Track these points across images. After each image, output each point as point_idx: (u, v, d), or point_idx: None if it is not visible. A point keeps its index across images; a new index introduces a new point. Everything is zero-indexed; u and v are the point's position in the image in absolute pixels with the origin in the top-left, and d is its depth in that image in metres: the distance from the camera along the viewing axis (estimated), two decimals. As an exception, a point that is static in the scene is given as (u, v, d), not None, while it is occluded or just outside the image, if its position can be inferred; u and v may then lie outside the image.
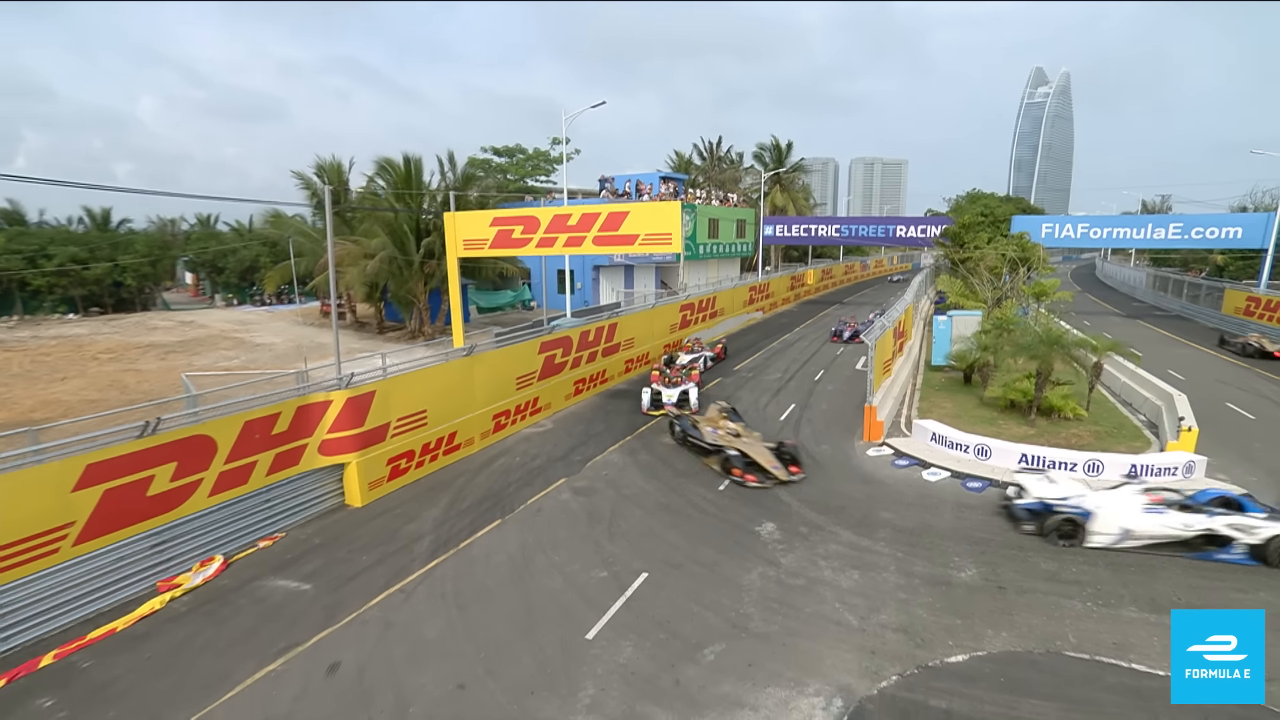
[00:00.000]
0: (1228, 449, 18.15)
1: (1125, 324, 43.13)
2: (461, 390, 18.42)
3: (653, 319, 30.24)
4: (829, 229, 53.73)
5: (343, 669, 9.69)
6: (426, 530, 14.00)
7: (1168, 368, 28.16)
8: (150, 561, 12.08)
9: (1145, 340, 36.60)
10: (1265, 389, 25.55)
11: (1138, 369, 22.57)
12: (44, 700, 9.26)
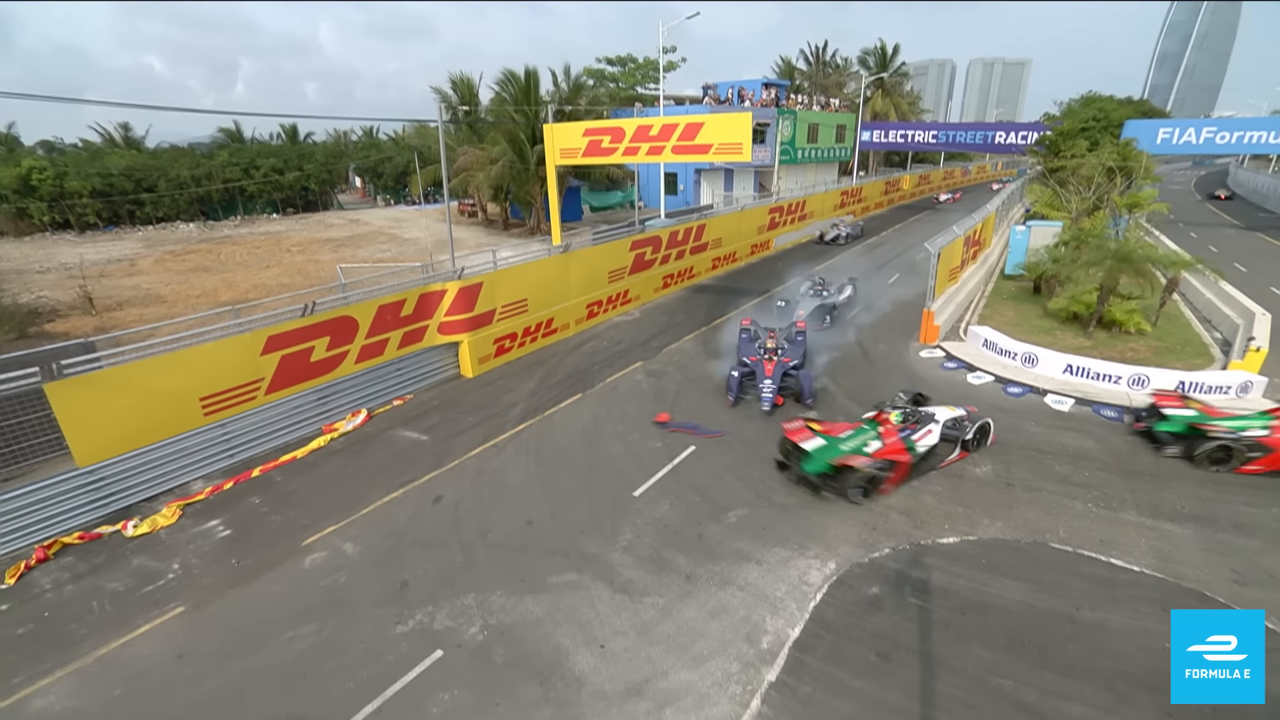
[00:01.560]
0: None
1: (1241, 236, 37.05)
2: (558, 282, 19.31)
3: (740, 221, 29.46)
4: (925, 135, 48.47)
5: (444, 501, 11.32)
6: (520, 399, 15.39)
7: (1271, 284, 24.37)
8: (316, 411, 14.18)
9: (1257, 254, 31.48)
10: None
11: (1225, 285, 19.74)
12: (255, 498, 11.62)
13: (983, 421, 12.90)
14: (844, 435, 11.57)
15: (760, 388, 14.64)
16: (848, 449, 11.13)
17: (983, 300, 22.99)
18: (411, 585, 9.20)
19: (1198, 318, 20.45)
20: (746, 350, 15.79)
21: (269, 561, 9.79)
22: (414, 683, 7.57)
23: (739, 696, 7.36)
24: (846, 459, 10.99)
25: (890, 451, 11.39)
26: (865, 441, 11.36)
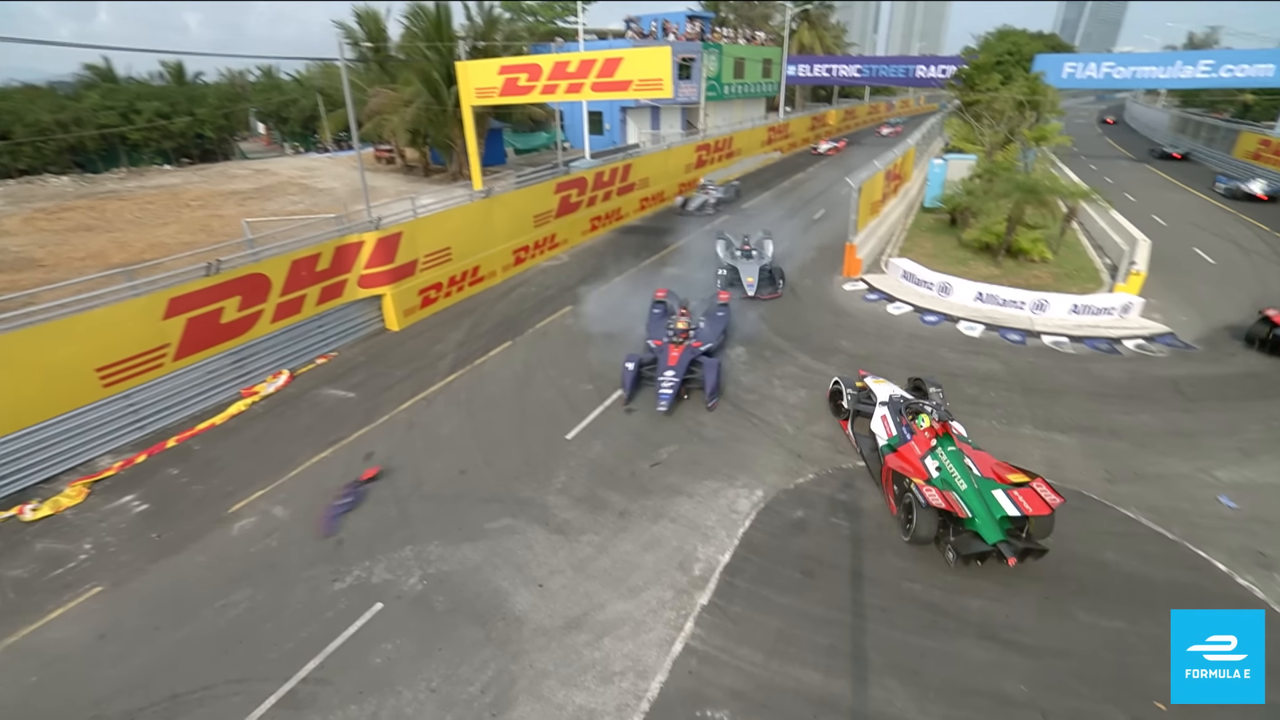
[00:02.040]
0: (1174, 291, 17.46)
1: (1132, 168, 39.34)
2: (482, 229, 18.69)
3: (667, 160, 29.05)
4: (850, 69, 48.48)
5: (375, 456, 11.10)
6: (449, 350, 15.07)
7: (1153, 212, 26.17)
8: (234, 374, 13.46)
9: (1144, 184, 33.62)
10: (1238, 234, 23.66)
11: (1114, 214, 21.08)
12: (172, 469, 11.05)
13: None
14: (953, 467, 8.89)
15: (659, 381, 12.22)
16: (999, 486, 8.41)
17: (903, 233, 23.75)
18: (347, 543, 9.11)
19: (1092, 245, 21.88)
20: (655, 330, 13.87)
21: (193, 533, 9.44)
22: (355, 636, 7.60)
23: (673, 621, 7.76)
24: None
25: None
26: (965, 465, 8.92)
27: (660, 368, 12.53)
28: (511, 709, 6.70)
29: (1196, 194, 31.62)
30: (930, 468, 9.19)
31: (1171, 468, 10.31)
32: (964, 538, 8.24)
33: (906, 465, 9.42)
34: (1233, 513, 9.31)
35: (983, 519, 8.18)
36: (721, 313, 14.75)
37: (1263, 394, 12.41)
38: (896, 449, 9.88)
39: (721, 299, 15.34)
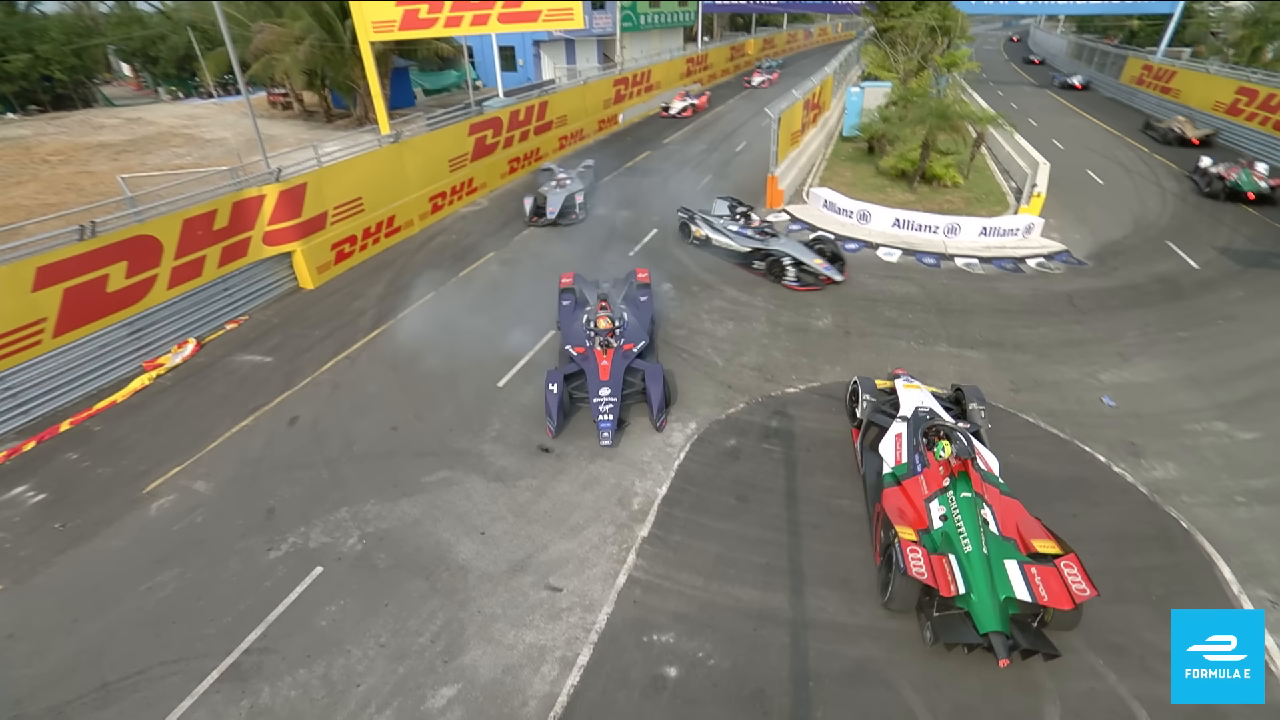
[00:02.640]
0: (1070, 211, 18.57)
1: (1034, 93, 40.81)
2: (394, 176, 17.62)
3: (584, 95, 27.94)
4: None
5: (301, 421, 10.65)
6: (370, 306, 14.39)
7: (1053, 137, 27.39)
8: (131, 347, 12.40)
9: (1047, 109, 35.00)
10: (1124, 157, 25.17)
11: (1019, 138, 21.95)
12: (71, 454, 10.20)
13: None
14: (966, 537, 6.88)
15: (593, 404, 9.89)
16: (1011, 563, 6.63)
17: (823, 163, 24.01)
18: (279, 511, 8.80)
19: (999, 169, 22.83)
20: (570, 331, 11.42)
21: (104, 518, 8.85)
22: (297, 602, 7.45)
23: (616, 555, 7.99)
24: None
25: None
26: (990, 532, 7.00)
27: (591, 385, 10.13)
28: (463, 654, 6.81)
29: (1089, 118, 33.30)
30: (934, 515, 7.32)
31: (1065, 375, 11.24)
32: (951, 619, 6.48)
33: (905, 508, 7.53)
34: (1112, 411, 10.31)
35: (981, 598, 6.36)
36: (645, 297, 12.61)
37: (1139, 303, 13.57)
38: (901, 481, 7.98)
39: (640, 278, 13.03)
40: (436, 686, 6.49)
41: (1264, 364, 11.51)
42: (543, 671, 6.60)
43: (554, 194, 18.72)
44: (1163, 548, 7.86)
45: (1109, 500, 8.55)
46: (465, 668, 6.67)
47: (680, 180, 22.68)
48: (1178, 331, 12.49)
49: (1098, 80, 42.60)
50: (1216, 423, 9.99)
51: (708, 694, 6.36)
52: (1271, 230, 17.46)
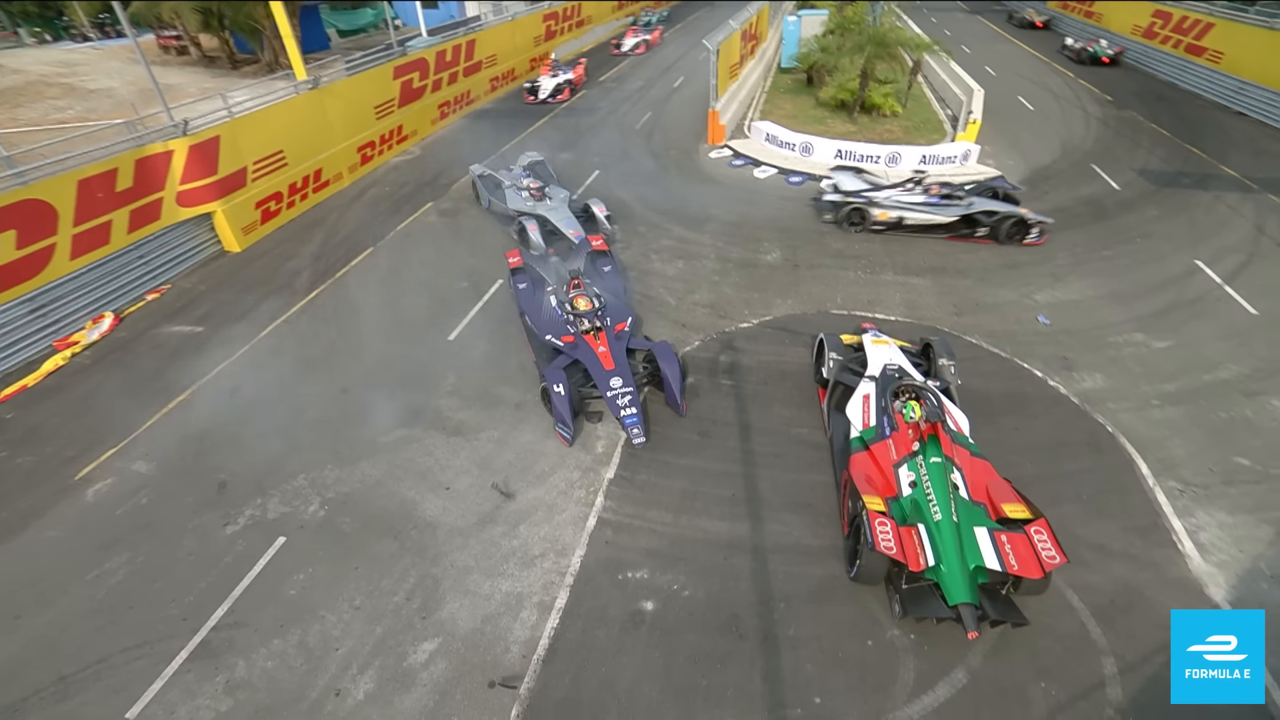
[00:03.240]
0: (1003, 137, 18.93)
1: (966, 19, 40.77)
2: (317, 126, 16.38)
3: (514, 32, 26.37)
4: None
5: (244, 391, 10.11)
6: (304, 265, 13.59)
7: (986, 64, 27.58)
8: (36, 325, 11.40)
9: (980, 36, 35.07)
10: (1053, 83, 25.65)
11: (954, 66, 22.01)
12: (-18, 446, 9.41)
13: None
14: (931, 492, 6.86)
15: (609, 398, 8.76)
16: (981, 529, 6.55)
17: (763, 96, 23.62)
18: (231, 484, 8.43)
19: (935, 97, 22.94)
20: (543, 320, 10.08)
21: (34, 509, 8.26)
22: (263, 574, 7.24)
23: (584, 499, 8.04)
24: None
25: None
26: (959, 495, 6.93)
27: (598, 377, 8.99)
28: (440, 608, 6.80)
29: (1019, 44, 33.64)
30: (903, 481, 7.14)
31: (1003, 297, 11.71)
32: (920, 591, 6.41)
33: (873, 474, 7.34)
34: (1047, 329, 10.84)
35: (950, 568, 6.27)
36: (609, 266, 11.50)
37: (1069, 224, 14.11)
38: (869, 446, 7.72)
39: (597, 247, 12.04)
40: (416, 642, 6.49)
41: (1174, 277, 12.25)
42: (522, 617, 6.68)
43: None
44: (1091, 452, 8.46)
45: (1046, 412, 9.08)
46: (444, 621, 6.67)
47: (619, 119, 21.97)
48: (1102, 251, 13.11)
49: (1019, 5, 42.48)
50: (1136, 334, 10.66)
51: (684, 623, 6.58)
52: (1181, 151, 18.30)
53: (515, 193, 14.55)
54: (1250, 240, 13.52)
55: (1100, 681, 6.04)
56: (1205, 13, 24.49)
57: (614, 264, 11.99)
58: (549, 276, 11.13)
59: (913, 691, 5.94)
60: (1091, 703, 5.88)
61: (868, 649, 6.30)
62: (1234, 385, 9.58)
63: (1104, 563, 7.05)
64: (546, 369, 9.22)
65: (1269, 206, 14.92)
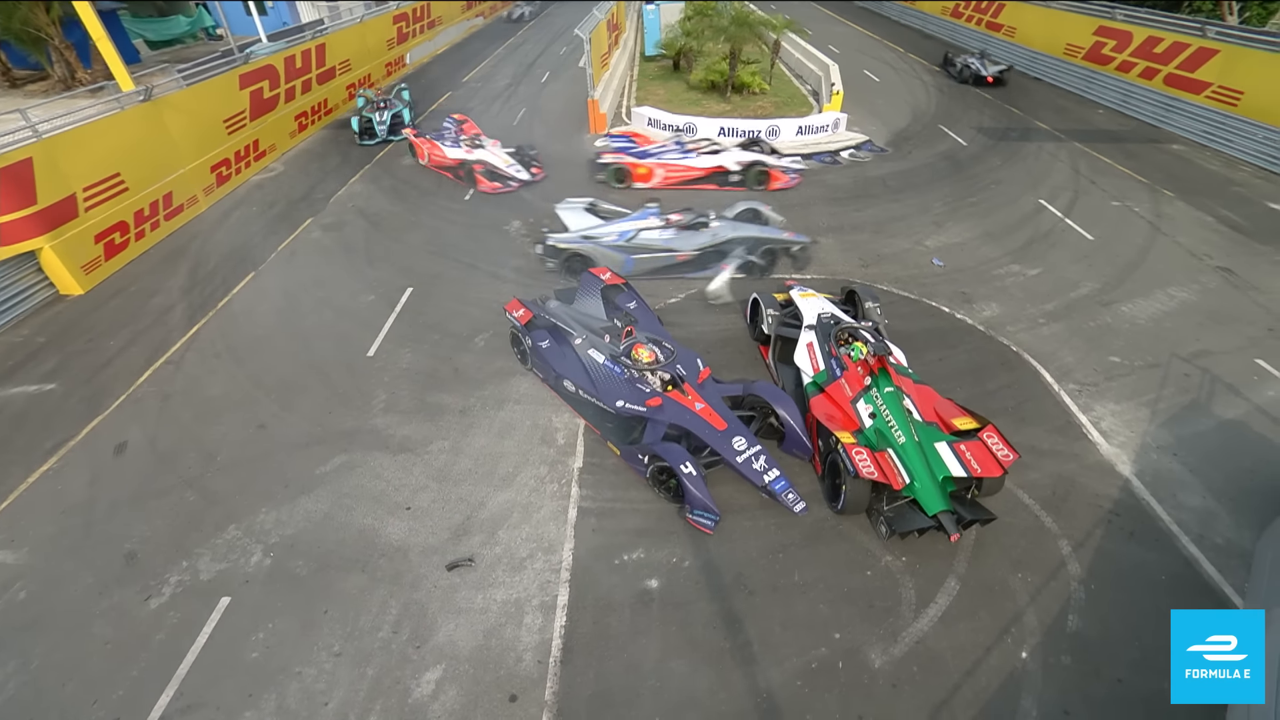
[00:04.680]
0: (861, 106, 20.41)
1: (803, 6, 43.64)
2: (158, 144, 14.31)
3: (365, 35, 24.62)
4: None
5: (132, 446, 8.64)
6: (175, 300, 11.86)
7: (829, 44, 29.63)
8: None
9: (815, 19, 37.53)
10: (888, 57, 28.11)
11: (806, 45, 23.41)
12: None
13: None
14: (891, 417, 7.34)
15: (741, 466, 7.31)
16: (942, 442, 7.11)
17: (633, 84, 23.83)
18: (142, 553, 7.17)
19: (793, 75, 24.30)
20: (607, 387, 8.27)
21: (-127, 625, 6.57)
22: (211, 644, 6.22)
23: (559, 492, 7.69)
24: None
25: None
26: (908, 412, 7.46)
27: (714, 440, 7.49)
28: (434, 633, 6.21)
29: (853, 25, 36.53)
30: (863, 414, 7.55)
31: (899, 245, 12.66)
32: (901, 509, 6.86)
33: (833, 413, 7.70)
34: (942, 269, 11.86)
35: (923, 483, 6.76)
36: (633, 302, 9.83)
37: (936, 178, 15.55)
38: (824, 389, 8.05)
39: (611, 280, 10.06)
40: (417, 675, 5.88)
41: (1028, 215, 13.89)
42: (526, 623, 6.27)
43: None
44: (1005, 369, 9.38)
45: (960, 341, 9.94)
46: (442, 646, 6.10)
47: (494, 118, 21.24)
48: (969, 198, 14.58)
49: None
50: (1012, 265, 11.96)
51: (693, 593, 6.49)
52: (1004, 111, 20.75)
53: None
54: (1072, 179, 15.62)
55: (1062, 561, 6.71)
56: (1000, -10, 27.93)
57: (638, 299, 9.99)
58: (572, 328, 9.13)
59: (917, 607, 6.26)
60: (1059, 580, 6.54)
61: (868, 579, 6.56)
62: (1093, 298, 11.03)
63: (1038, 461, 7.84)
64: (666, 446, 7.30)
65: (1077, 152, 17.33)
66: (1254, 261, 12.06)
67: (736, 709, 5.54)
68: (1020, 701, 5.55)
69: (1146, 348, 9.80)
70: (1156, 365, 9.45)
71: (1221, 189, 15.14)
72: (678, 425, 7.73)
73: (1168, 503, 7.35)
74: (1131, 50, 20.71)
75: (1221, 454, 7.97)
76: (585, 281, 10.27)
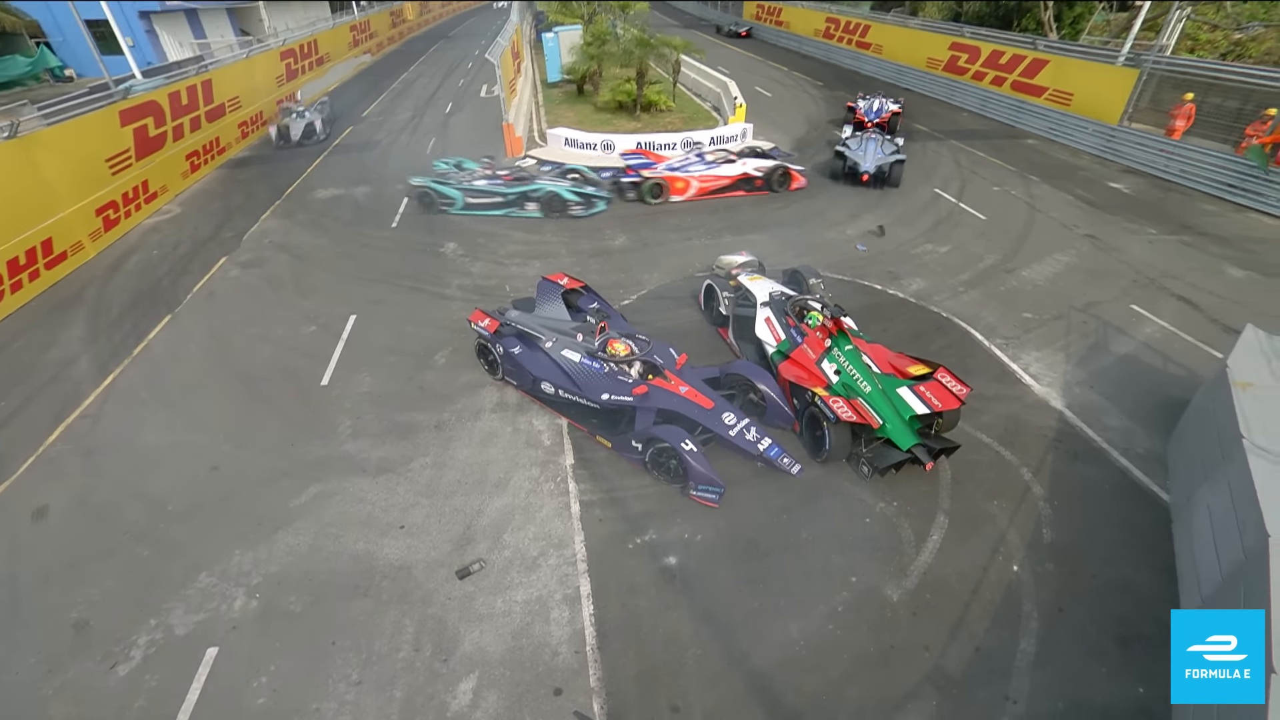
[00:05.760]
0: (761, 119, 21.79)
1: (683, 31, 46.00)
2: (30, 185, 12.84)
3: (253, 71, 23.40)
4: (414, -50, 44.52)
5: (54, 509, 7.62)
6: (77, 351, 10.63)
7: (718, 64, 31.40)
8: None
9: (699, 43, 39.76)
10: (776, 75, 30.24)
11: (702, 65, 24.75)
12: None
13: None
14: (852, 367, 8.14)
15: (732, 439, 7.65)
16: (902, 384, 7.90)
17: (540, 109, 24.14)
18: (94, 620, 6.33)
19: (692, 94, 25.55)
20: (588, 383, 8.28)
21: None
22: (204, 699, 5.59)
23: (556, 490, 7.60)
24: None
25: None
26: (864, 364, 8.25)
27: (704, 418, 7.78)
28: (460, 644, 5.93)
29: (735, 48, 38.91)
30: (829, 372, 8.18)
31: (825, 237, 13.63)
32: (877, 448, 7.48)
33: (803, 373, 8.32)
34: (866, 254, 12.88)
35: (893, 423, 7.46)
36: (595, 303, 10.19)
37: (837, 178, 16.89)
38: (789, 355, 8.65)
39: (571, 285, 10.19)
40: (451, 687, 5.59)
41: (928, 202, 15.42)
42: (554, 617, 6.13)
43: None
44: (941, 333, 10.32)
45: (898, 313, 10.83)
46: (471, 654, 5.83)
47: (404, 148, 20.84)
48: (874, 191, 15.95)
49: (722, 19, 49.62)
50: (926, 245, 13.21)
51: (712, 563, 6.62)
52: (884, 116, 22.91)
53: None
54: (957, 171, 17.50)
55: (1026, 486, 7.46)
56: (861, 16, 30.93)
57: (599, 299, 10.26)
58: (539, 333, 8.97)
59: (917, 544, 6.72)
60: (1027, 502, 7.26)
61: (868, 526, 6.97)
62: (998, 267, 12.39)
63: (988, 406, 8.67)
64: (664, 427, 7.48)
65: (955, 148, 19.46)
66: (1109, 229, 14.01)
67: (780, 658, 5.70)
68: (1022, 606, 6.10)
69: (1049, 304, 11.13)
70: (1060, 317, 10.74)
71: (1071, 173, 17.50)
72: (666, 410, 7.90)
73: (1095, 426, 8.37)
74: (982, 62, 23.62)
75: (1125, 382, 9.18)
76: (542, 288, 10.31)
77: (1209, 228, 13.96)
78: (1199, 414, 7.47)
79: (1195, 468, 6.91)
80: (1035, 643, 5.79)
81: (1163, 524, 6.98)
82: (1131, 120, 18.61)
